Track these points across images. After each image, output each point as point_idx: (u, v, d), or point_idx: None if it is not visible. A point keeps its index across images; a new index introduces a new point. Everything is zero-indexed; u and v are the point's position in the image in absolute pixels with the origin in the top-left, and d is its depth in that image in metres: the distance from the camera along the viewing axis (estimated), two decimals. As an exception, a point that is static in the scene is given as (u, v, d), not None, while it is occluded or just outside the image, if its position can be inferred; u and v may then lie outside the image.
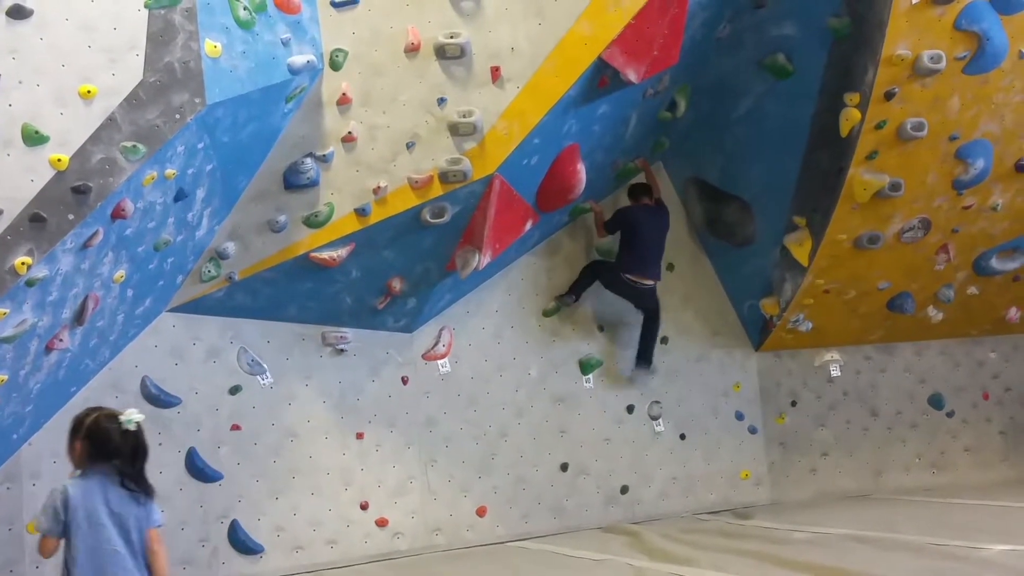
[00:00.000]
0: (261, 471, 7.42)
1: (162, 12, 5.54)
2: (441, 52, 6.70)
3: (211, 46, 5.70)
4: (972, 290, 8.96)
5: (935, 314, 9.06)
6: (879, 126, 7.57)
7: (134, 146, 5.45)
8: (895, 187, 7.90)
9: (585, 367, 8.63)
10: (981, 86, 7.60)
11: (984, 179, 8.10)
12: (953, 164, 7.98)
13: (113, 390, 6.93)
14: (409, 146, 6.84)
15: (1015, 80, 7.66)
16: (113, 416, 4.33)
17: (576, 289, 8.49)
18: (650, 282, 8.46)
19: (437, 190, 6.91)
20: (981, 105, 7.70)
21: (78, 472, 4.34)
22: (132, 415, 4.30)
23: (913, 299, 8.89)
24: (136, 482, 4.30)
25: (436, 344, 8.12)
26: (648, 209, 8.52)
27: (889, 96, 7.42)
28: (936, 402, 9.53)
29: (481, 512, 8.14)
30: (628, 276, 8.39)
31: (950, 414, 9.56)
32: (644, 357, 8.63)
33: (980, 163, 8.01)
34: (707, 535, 7.83)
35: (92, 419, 4.32)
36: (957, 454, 9.54)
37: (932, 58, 7.31)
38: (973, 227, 8.45)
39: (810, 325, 8.87)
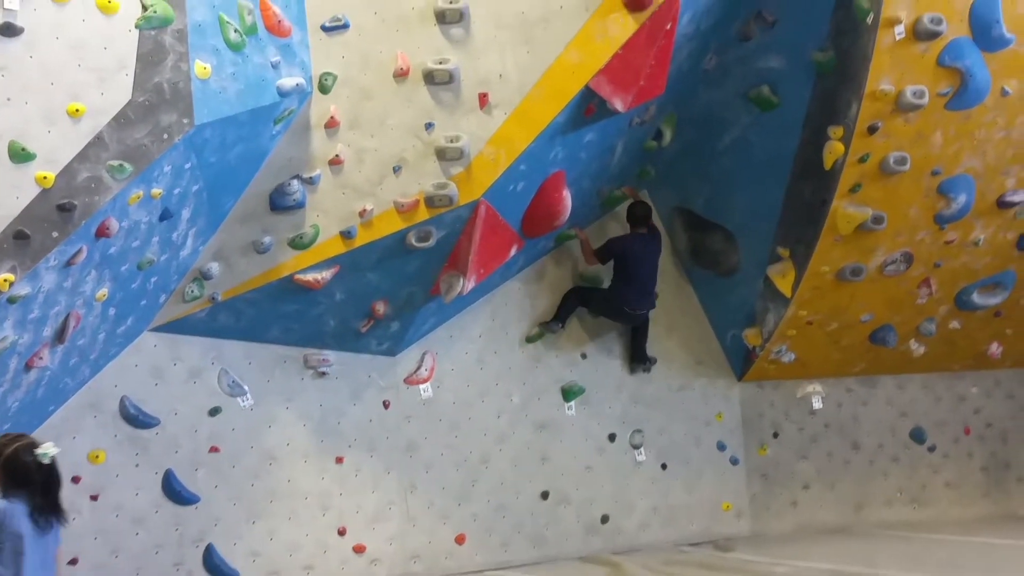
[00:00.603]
0: (238, 494, 7.37)
1: (153, 33, 5.55)
2: (430, 77, 6.73)
3: (201, 67, 5.71)
4: (954, 324, 9.00)
5: (917, 347, 9.09)
6: (862, 159, 7.64)
7: (121, 165, 5.44)
8: (878, 220, 7.96)
9: (567, 394, 8.62)
10: (963, 122, 7.68)
11: (966, 214, 8.17)
12: (935, 199, 8.04)
13: (91, 410, 6.89)
14: (396, 170, 6.85)
15: (997, 117, 7.74)
16: (30, 448, 4.57)
17: (561, 315, 8.51)
18: (645, 311, 8.59)
19: (423, 214, 6.92)
20: (963, 141, 7.78)
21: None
22: (48, 449, 4.58)
23: (895, 332, 8.92)
24: (48, 509, 4.58)
25: (419, 368, 8.10)
26: (642, 239, 8.57)
27: (872, 130, 7.49)
28: (918, 436, 9.55)
29: (460, 540, 8.09)
30: (627, 308, 8.50)
31: (931, 448, 9.57)
32: (638, 358, 8.78)
33: (962, 198, 8.08)
34: (688, 567, 7.81)
35: (11, 451, 4.56)
36: (938, 489, 9.55)
37: (915, 93, 7.38)
38: (955, 262, 8.51)
39: (793, 356, 8.90)
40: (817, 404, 9.29)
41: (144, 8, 5.53)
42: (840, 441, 9.39)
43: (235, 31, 5.96)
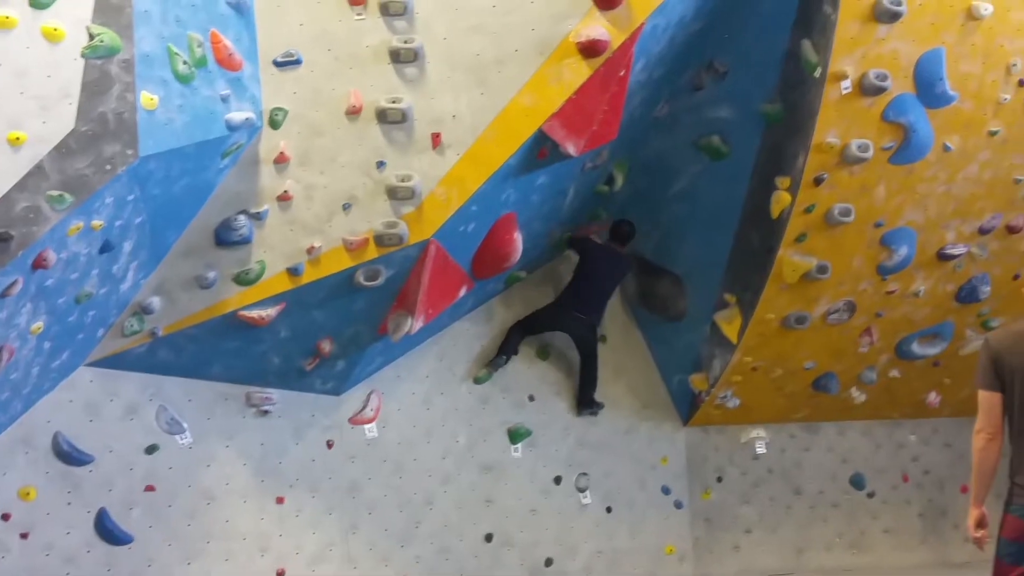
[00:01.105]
0: (174, 535, 7.20)
1: (99, 62, 5.45)
2: (382, 116, 6.70)
3: (147, 98, 5.62)
4: (894, 373, 9.12)
5: (858, 395, 9.20)
6: (808, 210, 7.74)
7: (61, 195, 5.32)
8: (822, 269, 8.05)
9: (514, 436, 8.57)
10: (906, 176, 7.82)
11: (907, 266, 8.29)
12: (878, 250, 8.16)
13: (23, 445, 6.70)
14: (346, 207, 6.79)
15: (939, 172, 7.89)
16: None
17: (505, 349, 8.47)
18: (589, 320, 8.59)
19: (372, 252, 6.86)
20: (906, 194, 7.92)
21: None
22: None
23: (837, 379, 9.02)
24: None
25: (364, 408, 8.01)
26: (612, 253, 8.63)
27: (818, 181, 7.60)
28: (857, 482, 9.63)
29: (401, 583, 7.99)
30: (572, 311, 8.51)
31: (871, 495, 9.65)
32: (584, 403, 8.74)
33: (904, 250, 8.21)
34: (630, 612, 7.77)
35: None
36: (877, 535, 9.63)
37: (860, 147, 7.50)
38: (896, 312, 8.63)
39: (737, 402, 8.95)
40: (760, 449, 9.34)
41: (91, 37, 5.44)
42: (782, 486, 9.43)
43: (184, 63, 5.89)
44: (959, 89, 7.57)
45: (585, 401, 8.75)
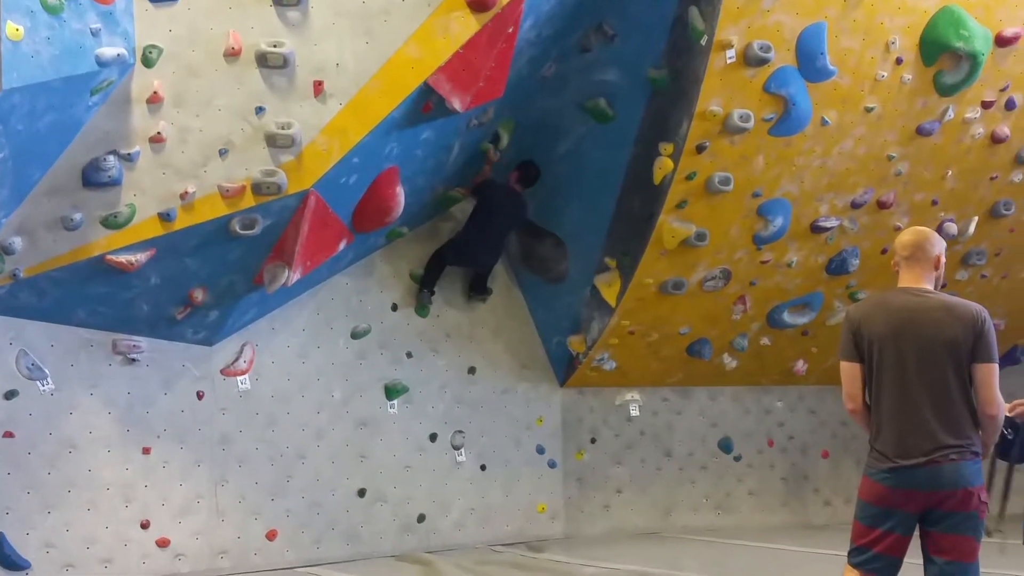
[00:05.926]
0: (33, 482, 6.98)
1: (-40, -13, 5.16)
2: (263, 60, 6.50)
3: (12, 28, 5.34)
4: (765, 341, 9.39)
5: (730, 361, 9.44)
6: (689, 177, 7.86)
7: (-86, 127, 5.04)
8: (700, 237, 8.20)
9: (391, 392, 8.53)
10: (784, 148, 7.99)
11: (781, 236, 8.50)
12: (754, 220, 8.35)
13: None
14: (222, 153, 6.59)
15: (815, 145, 8.08)
16: None
17: (427, 283, 8.59)
18: (490, 264, 8.82)
19: (249, 201, 6.69)
20: (783, 166, 8.10)
21: None
22: None
23: (711, 345, 9.24)
24: None
25: (237, 360, 7.85)
26: (512, 195, 8.66)
27: (700, 149, 7.71)
28: (725, 446, 9.92)
29: (271, 536, 7.89)
30: (476, 257, 8.68)
31: (737, 458, 9.95)
32: (478, 289, 8.87)
33: (779, 221, 8.40)
34: (500, 567, 7.88)
35: None
36: (742, 497, 9.94)
37: (742, 117, 7.62)
38: (769, 281, 8.87)
39: (614, 364, 9.09)
40: (634, 412, 9.53)
41: (-50, -41, 5.13)
42: (654, 448, 9.65)
43: (53, -7, 5.61)
44: (839, 64, 7.70)
45: (478, 288, 8.84)
